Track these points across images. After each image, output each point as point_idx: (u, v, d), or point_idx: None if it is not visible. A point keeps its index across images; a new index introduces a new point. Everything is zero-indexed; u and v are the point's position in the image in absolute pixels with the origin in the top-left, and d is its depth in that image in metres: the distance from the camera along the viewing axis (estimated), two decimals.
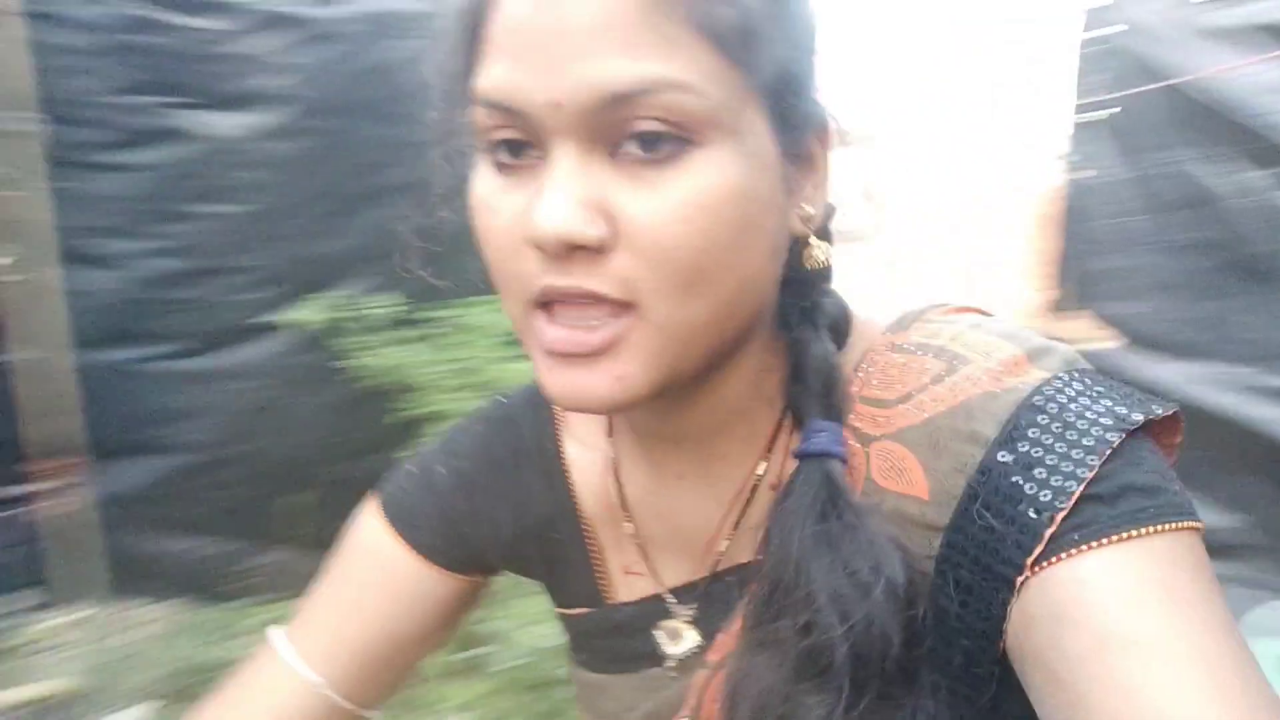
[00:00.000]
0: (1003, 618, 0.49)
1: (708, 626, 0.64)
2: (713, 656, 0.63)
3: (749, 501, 0.61)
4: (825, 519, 0.51)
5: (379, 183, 2.23)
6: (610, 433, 0.67)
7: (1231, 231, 2.28)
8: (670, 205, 0.46)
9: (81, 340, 2.20)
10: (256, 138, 2.19)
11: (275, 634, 0.70)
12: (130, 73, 2.15)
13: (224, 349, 2.24)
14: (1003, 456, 0.49)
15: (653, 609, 0.66)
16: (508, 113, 0.48)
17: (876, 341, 0.59)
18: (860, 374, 0.57)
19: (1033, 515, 0.47)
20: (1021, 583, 0.47)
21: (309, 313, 2.17)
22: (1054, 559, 0.46)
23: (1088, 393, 0.51)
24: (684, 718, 0.64)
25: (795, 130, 0.52)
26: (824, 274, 0.59)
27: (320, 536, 0.73)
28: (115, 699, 2.07)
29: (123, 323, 2.20)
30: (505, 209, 0.49)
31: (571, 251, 0.47)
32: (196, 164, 2.17)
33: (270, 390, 2.27)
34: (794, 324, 0.58)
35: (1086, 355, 0.57)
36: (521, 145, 0.49)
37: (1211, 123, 2.29)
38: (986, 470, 0.49)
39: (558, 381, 0.50)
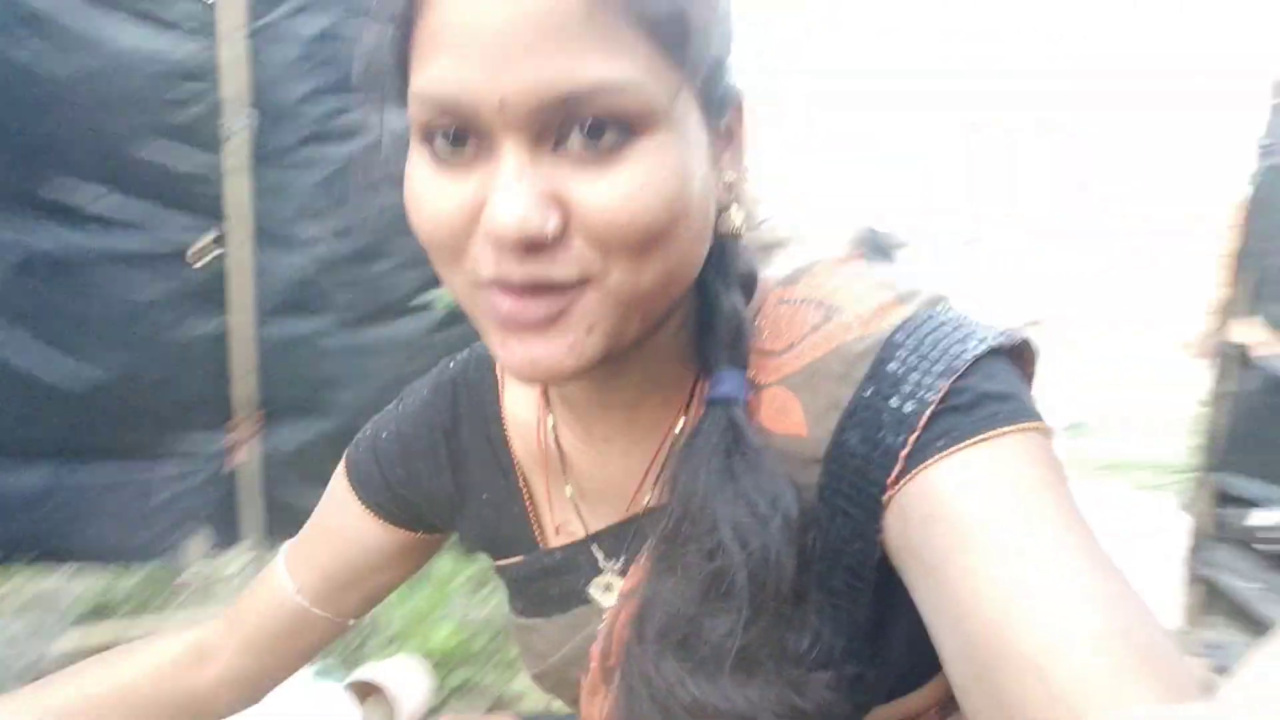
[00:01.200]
0: (876, 531, 0.54)
1: (626, 566, 0.69)
2: (624, 588, 0.68)
3: (669, 455, 0.64)
4: (729, 456, 0.56)
5: None
6: (545, 399, 0.70)
7: None
8: (620, 191, 0.48)
9: (270, 311, 2.51)
10: None
11: (283, 547, 0.81)
12: (326, 78, 2.44)
13: (381, 324, 2.47)
14: (867, 391, 0.54)
15: (578, 551, 0.71)
16: (452, 110, 0.48)
17: (769, 295, 0.63)
18: (754, 326, 0.62)
19: (891, 439, 0.52)
20: (888, 500, 0.52)
21: (448, 296, 2.35)
22: (921, 467, 0.51)
23: (944, 325, 0.55)
24: (597, 645, 0.68)
25: (720, 107, 0.55)
26: (737, 237, 0.61)
27: None
28: None
29: (304, 296, 2.49)
30: (448, 197, 0.50)
31: (529, 246, 0.48)
32: (372, 156, 2.41)
33: (418, 362, 2.47)
34: (708, 279, 0.60)
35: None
36: (461, 135, 0.49)
37: None
38: (854, 405, 0.55)
39: (514, 354, 0.52)
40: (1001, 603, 0.45)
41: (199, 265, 2.45)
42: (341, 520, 0.78)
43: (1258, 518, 2.54)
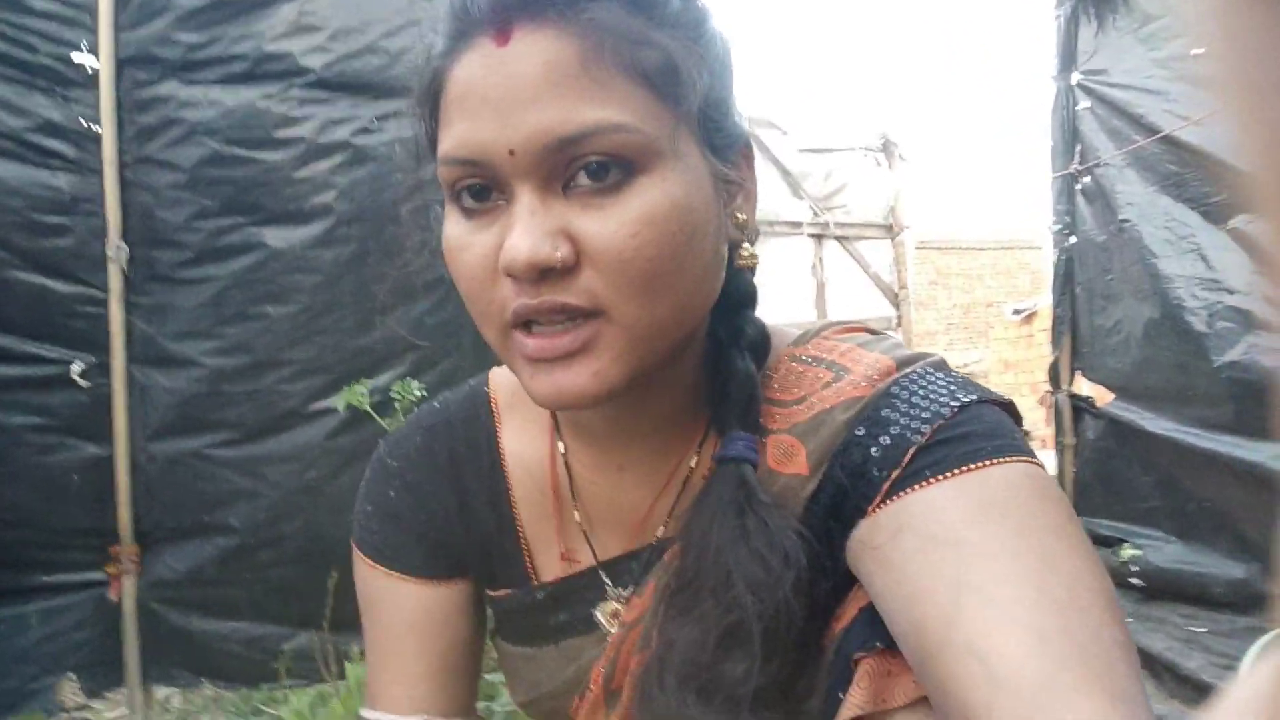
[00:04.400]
0: (843, 546, 0.59)
1: (631, 595, 0.71)
2: (627, 617, 0.70)
3: (682, 489, 0.69)
4: (742, 515, 0.59)
5: (410, 283, 2.46)
6: (558, 430, 0.73)
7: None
8: (623, 225, 0.53)
9: (153, 433, 2.47)
10: (305, 247, 2.47)
11: (367, 713, 0.75)
12: (208, 200, 2.48)
13: (274, 435, 2.46)
14: (859, 431, 0.60)
15: (584, 577, 0.73)
16: (471, 165, 0.54)
17: (782, 353, 0.68)
18: (765, 378, 0.67)
19: (875, 473, 0.57)
20: (863, 521, 0.57)
21: (350, 397, 2.36)
22: (901, 493, 0.55)
23: (938, 381, 0.61)
24: (601, 668, 0.71)
25: (723, 149, 0.60)
26: (750, 297, 0.67)
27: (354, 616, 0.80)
28: None
29: (191, 415, 2.46)
30: (476, 246, 0.56)
31: (542, 275, 0.53)
32: (256, 272, 2.46)
33: (319, 469, 2.47)
34: (723, 343, 0.65)
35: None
36: (484, 190, 0.55)
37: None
38: (846, 443, 0.60)
39: (543, 384, 0.56)
40: (951, 593, 0.48)
41: (83, 388, 2.40)
42: (403, 615, 0.76)
43: (1123, 554, 2.72)
